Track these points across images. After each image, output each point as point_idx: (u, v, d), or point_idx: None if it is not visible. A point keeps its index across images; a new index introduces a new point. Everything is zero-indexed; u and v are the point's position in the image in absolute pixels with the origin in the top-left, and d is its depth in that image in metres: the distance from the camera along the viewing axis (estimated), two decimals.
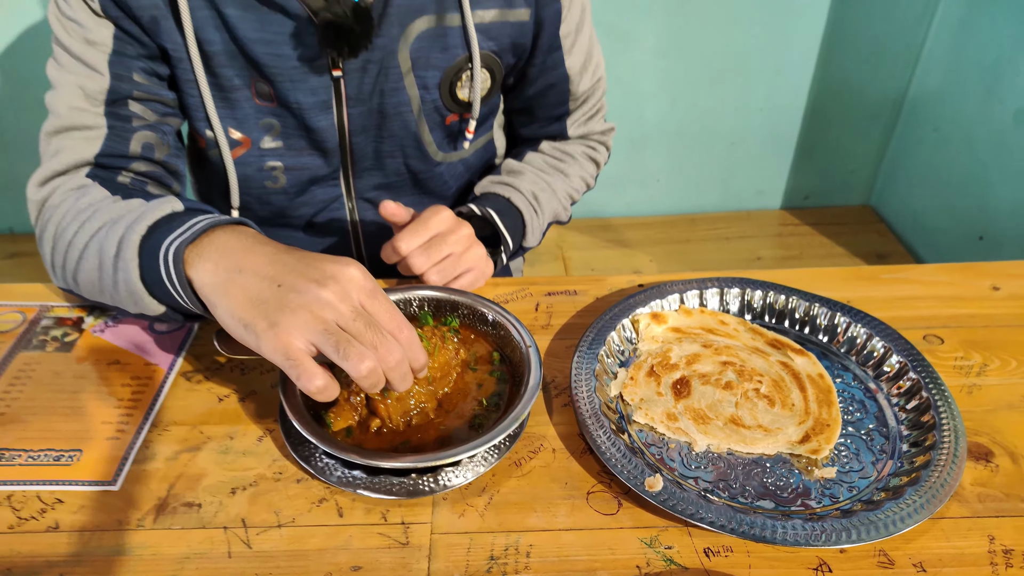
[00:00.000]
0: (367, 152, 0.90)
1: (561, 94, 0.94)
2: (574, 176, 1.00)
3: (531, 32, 0.86)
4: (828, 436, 0.65)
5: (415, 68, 0.84)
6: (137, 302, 0.65)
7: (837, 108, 1.77)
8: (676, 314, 0.79)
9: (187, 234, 0.60)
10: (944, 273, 0.88)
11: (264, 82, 0.81)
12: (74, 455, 0.65)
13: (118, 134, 0.78)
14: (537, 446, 0.66)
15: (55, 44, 0.77)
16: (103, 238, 0.67)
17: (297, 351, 0.54)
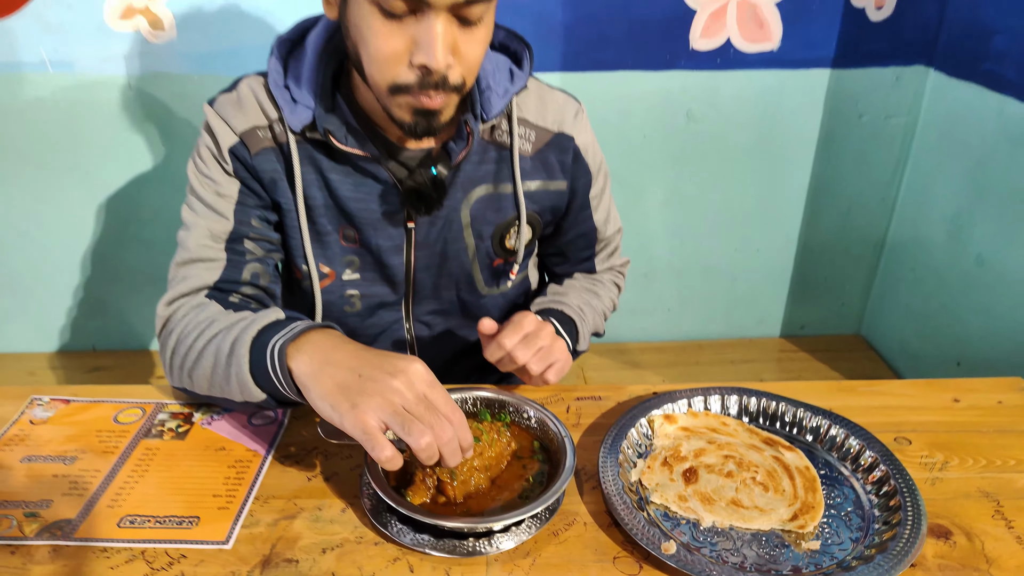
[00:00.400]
0: (427, 285, 1.07)
1: (589, 241, 1.13)
2: (605, 297, 1.16)
3: (567, 198, 1.06)
4: (813, 515, 0.76)
5: (473, 223, 1.02)
6: (244, 390, 0.79)
7: (825, 251, 1.95)
8: (685, 416, 0.92)
9: (288, 334, 0.76)
10: (912, 388, 1.01)
11: (351, 228, 0.99)
12: (193, 520, 0.78)
13: (234, 266, 0.95)
14: (571, 520, 0.78)
15: (190, 192, 0.95)
16: (220, 341, 0.82)
17: (372, 428, 0.68)
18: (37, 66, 1.67)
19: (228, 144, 0.92)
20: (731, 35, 1.69)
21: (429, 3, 0.74)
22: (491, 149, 0.99)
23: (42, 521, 0.77)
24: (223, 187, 0.94)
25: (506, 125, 0.98)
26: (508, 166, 0.99)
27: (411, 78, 0.79)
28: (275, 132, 0.93)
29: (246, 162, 0.93)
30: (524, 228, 1.04)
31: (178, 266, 0.95)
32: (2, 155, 1.76)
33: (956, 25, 1.62)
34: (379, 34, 0.77)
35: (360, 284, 1.03)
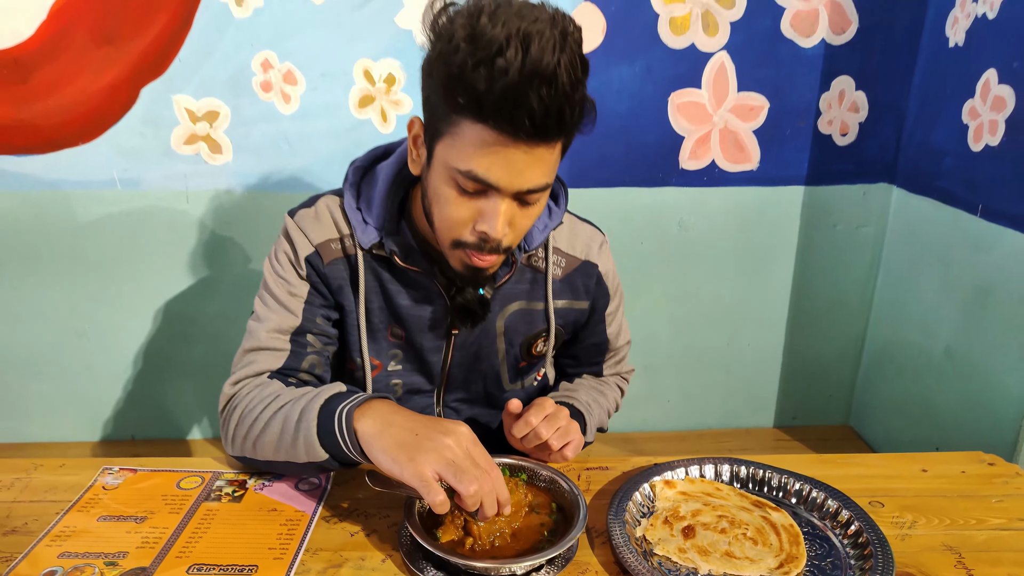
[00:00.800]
0: (459, 379, 1.17)
1: (601, 350, 1.25)
2: (610, 397, 1.27)
3: (587, 315, 1.19)
4: (797, 564, 0.85)
5: (506, 333, 1.14)
6: (309, 451, 0.89)
7: (811, 346, 2.06)
8: (683, 482, 1.02)
9: (354, 401, 0.87)
10: (885, 460, 1.10)
11: (399, 328, 1.11)
12: (252, 568, 0.86)
13: (296, 356, 1.05)
14: (584, 568, 0.86)
15: (264, 288, 1.07)
16: (288, 409, 0.92)
17: (428, 477, 0.78)
18: (108, 184, 1.86)
19: (305, 253, 1.05)
20: (715, 157, 1.89)
21: (497, 188, 0.85)
22: (527, 271, 1.12)
23: (120, 568, 0.86)
24: (295, 288, 1.06)
25: (542, 252, 1.10)
26: (541, 287, 1.13)
27: (471, 239, 0.90)
28: (345, 245, 1.06)
29: (319, 269, 1.06)
30: (552, 339, 1.17)
31: (246, 352, 1.05)
32: (69, 262, 1.93)
33: (911, 149, 1.81)
34: (451, 203, 0.88)
35: (402, 374, 1.14)
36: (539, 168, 0.85)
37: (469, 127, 0.82)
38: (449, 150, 0.86)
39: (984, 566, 0.86)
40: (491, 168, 0.83)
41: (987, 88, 1.48)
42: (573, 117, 0.82)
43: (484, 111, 0.79)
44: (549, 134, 0.82)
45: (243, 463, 1.04)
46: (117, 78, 1.78)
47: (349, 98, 1.81)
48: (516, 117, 0.78)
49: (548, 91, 0.77)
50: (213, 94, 1.79)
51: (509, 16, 0.77)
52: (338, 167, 1.83)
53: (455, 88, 0.80)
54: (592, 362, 1.28)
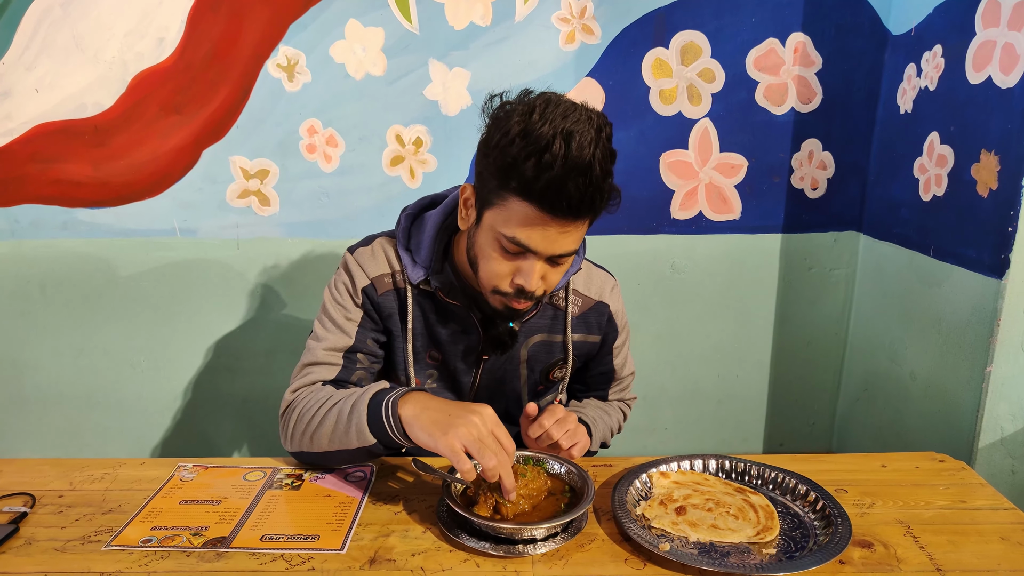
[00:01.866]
0: (485, 398, 1.29)
1: (607, 379, 1.39)
2: (613, 418, 1.40)
3: (598, 347, 1.33)
4: (771, 532, 0.97)
5: (528, 361, 1.27)
6: (360, 436, 1.01)
7: (793, 378, 2.19)
8: (676, 473, 1.14)
9: (398, 393, 1.00)
10: (850, 460, 1.22)
11: (436, 352, 1.25)
12: (314, 537, 0.98)
13: (346, 371, 1.18)
14: (593, 537, 0.98)
15: (323, 312, 1.20)
16: (342, 405, 1.04)
17: (458, 448, 0.91)
18: (168, 232, 2.04)
19: (362, 284, 1.19)
20: (702, 208, 2.06)
21: (535, 252, 0.98)
22: (549, 308, 1.26)
23: (204, 537, 0.98)
24: (351, 313, 1.19)
25: (562, 293, 1.23)
26: (561, 322, 1.26)
27: (509, 289, 1.02)
28: (396, 280, 1.18)
29: (373, 299, 1.20)
30: (569, 367, 1.31)
31: (304, 366, 1.19)
32: (129, 301, 2.08)
33: (874, 200, 1.98)
34: (495, 260, 1.01)
35: (437, 391, 1.27)
36: (571, 238, 1.00)
37: (516, 203, 0.97)
38: (497, 218, 1.00)
39: (929, 535, 0.98)
40: (531, 237, 0.98)
41: (931, 147, 1.66)
42: (602, 202, 0.97)
43: (531, 194, 0.94)
44: (581, 214, 0.97)
45: (298, 458, 1.16)
46: (182, 142, 1.97)
47: (382, 158, 2.00)
48: (557, 202, 0.93)
49: (583, 181, 0.92)
50: (265, 155, 1.98)
51: (555, 116, 0.92)
52: (370, 216, 2.01)
53: (508, 173, 0.95)
54: (599, 388, 1.41)
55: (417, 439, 0.96)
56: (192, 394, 2.17)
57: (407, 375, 1.23)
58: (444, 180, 2.01)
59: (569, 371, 1.31)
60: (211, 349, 2.13)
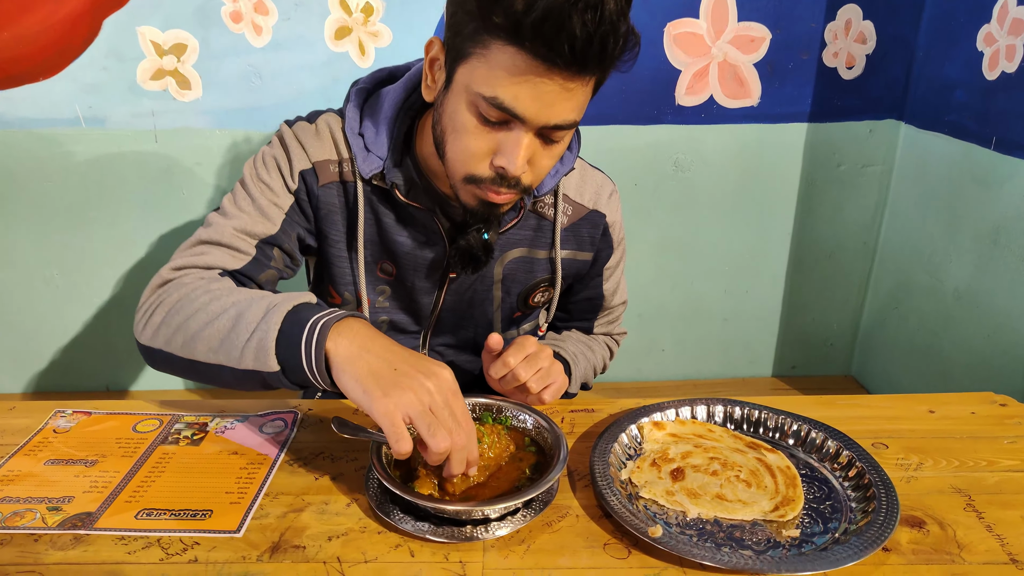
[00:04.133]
0: (448, 323, 1.12)
1: (594, 306, 1.20)
2: (597, 354, 1.22)
3: (588, 267, 1.12)
4: (793, 507, 0.79)
5: (504, 281, 1.08)
6: (258, 356, 0.78)
7: (811, 293, 2.00)
8: (673, 423, 0.95)
9: (332, 317, 0.78)
10: (889, 401, 1.04)
11: (390, 264, 1.04)
12: (207, 513, 0.80)
13: (257, 265, 0.96)
14: (564, 512, 0.80)
15: (241, 187, 0.97)
16: (245, 307, 0.81)
17: (399, 420, 0.71)
18: (72, 122, 1.77)
19: (301, 167, 0.97)
20: (713, 92, 1.79)
21: (523, 120, 0.79)
22: (531, 217, 1.06)
23: (64, 514, 0.80)
24: (279, 197, 0.97)
25: (549, 199, 1.06)
26: (546, 236, 1.07)
27: (487, 174, 0.84)
28: (343, 170, 0.99)
29: (311, 189, 0.98)
30: (557, 294, 1.12)
31: (201, 243, 0.95)
32: (34, 206, 1.84)
33: (921, 82, 1.72)
34: (470, 133, 0.82)
35: (389, 311, 1.09)
36: (570, 103, 0.79)
37: (500, 50, 0.75)
38: (474, 73, 0.78)
39: (995, 509, 0.80)
40: (519, 97, 0.77)
41: (1004, 11, 1.39)
42: (615, 49, 0.76)
43: (521, 33, 0.72)
44: (588, 65, 0.75)
45: (153, 358, 0.91)
46: (78, 8, 1.67)
47: (324, 29, 1.71)
48: (555, 42, 0.72)
49: (593, 16, 0.70)
50: (180, 25, 1.69)
51: None
52: (312, 101, 1.74)
53: (490, 6, 0.73)
54: (583, 318, 1.22)
55: (347, 391, 0.75)
56: (119, 310, 1.96)
57: (355, 290, 1.04)
58: (401, 57, 1.72)
59: (556, 295, 1.11)
60: (134, 260, 1.91)
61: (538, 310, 1.18)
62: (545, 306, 1.18)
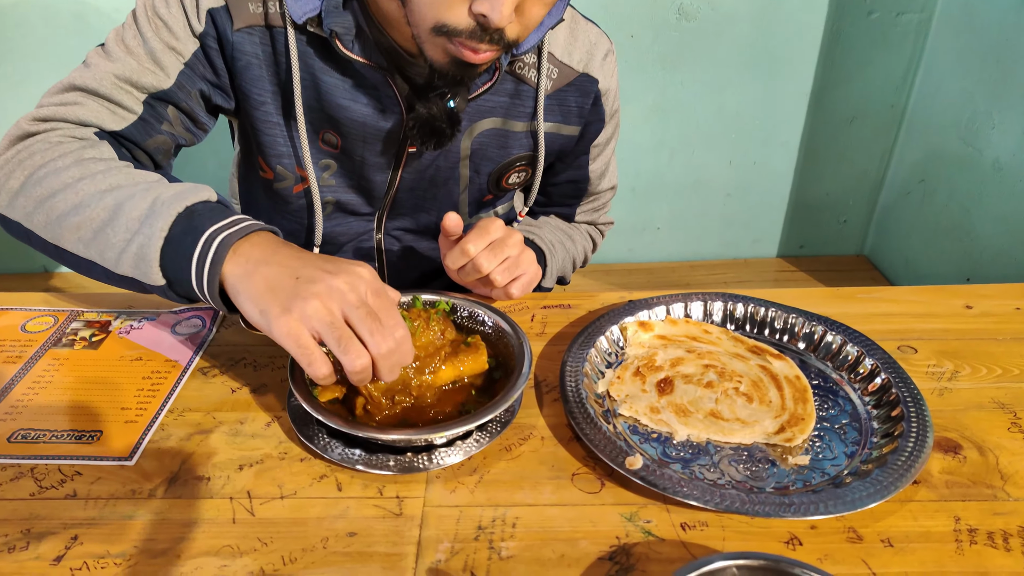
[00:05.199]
0: (407, 205, 0.97)
1: (578, 190, 1.04)
2: (578, 244, 1.07)
3: (573, 143, 0.96)
4: (802, 428, 0.67)
5: (473, 156, 0.92)
6: (138, 265, 0.64)
7: (827, 164, 1.83)
8: (662, 323, 0.82)
9: (236, 229, 0.63)
10: (918, 294, 0.91)
11: (333, 135, 0.87)
12: (95, 435, 0.68)
13: (144, 127, 0.79)
14: (527, 434, 0.68)
15: (132, 22, 0.79)
16: (125, 197, 0.66)
17: (306, 339, 0.57)
18: None
19: (210, 3, 0.79)
20: None
21: None
22: (508, 80, 0.89)
23: None
24: (179, 42, 0.80)
25: (531, 59, 0.89)
26: (525, 103, 0.90)
27: (464, 23, 0.69)
28: (269, 13, 0.81)
29: (223, 33, 0.80)
30: (537, 175, 0.96)
31: (73, 88, 0.77)
32: None
33: None
34: None
35: (335, 190, 0.94)
36: None
37: None
38: None
39: None
40: None
41: None
42: None
43: None
44: None
45: (7, 227, 0.75)
46: None
47: None
48: None
49: None
50: None
51: None
52: None
53: None
54: (564, 203, 1.07)
55: (247, 315, 0.61)
56: None
57: (293, 164, 0.89)
58: None
59: (538, 177, 0.97)
60: None
61: (512, 192, 1.02)
62: (521, 188, 1.02)
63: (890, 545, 0.57)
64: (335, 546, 0.57)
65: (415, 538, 0.58)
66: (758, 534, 0.58)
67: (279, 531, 0.58)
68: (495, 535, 0.58)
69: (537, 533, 0.58)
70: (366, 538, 0.58)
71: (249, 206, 1.06)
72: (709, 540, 0.57)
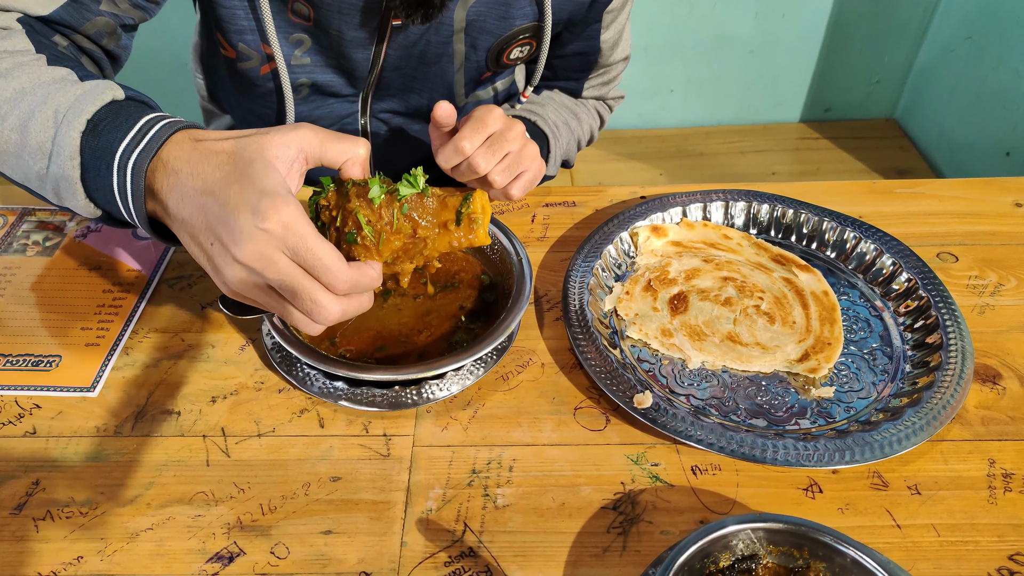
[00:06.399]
0: (394, 85, 0.87)
1: (587, 62, 0.92)
2: (584, 123, 0.97)
3: (584, 9, 0.83)
4: (828, 355, 0.62)
5: (468, 29, 0.81)
6: (68, 201, 0.57)
7: (865, 15, 1.66)
8: (677, 227, 0.76)
9: (145, 145, 0.53)
10: (964, 188, 0.83)
11: (304, 4, 0.76)
12: (53, 360, 0.64)
13: (78, 7, 0.68)
14: (526, 360, 0.64)
15: None
16: (27, 114, 0.57)
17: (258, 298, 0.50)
18: None
19: None
20: None
21: None
22: None
23: None
24: None
25: None
26: None
27: None
28: None
29: None
30: (544, 49, 0.84)
31: None
32: None
33: None
34: None
35: (311, 70, 0.83)
36: None
37: None
38: None
39: None
40: None
41: None
42: None
43: None
44: None
45: None
46: None
47: None
48: None
49: None
50: None
51: None
52: None
53: None
54: (571, 77, 0.95)
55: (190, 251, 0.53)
56: None
57: (257, 41, 0.79)
58: None
59: (545, 51, 0.86)
60: None
61: (513, 68, 0.91)
62: (528, 62, 0.91)
63: (917, 493, 0.53)
64: (317, 492, 0.54)
65: (404, 484, 0.54)
66: (775, 479, 0.54)
67: (257, 475, 0.55)
68: (490, 480, 0.55)
69: (536, 478, 0.55)
70: (351, 483, 0.54)
71: (215, 89, 0.96)
72: (722, 487, 0.54)
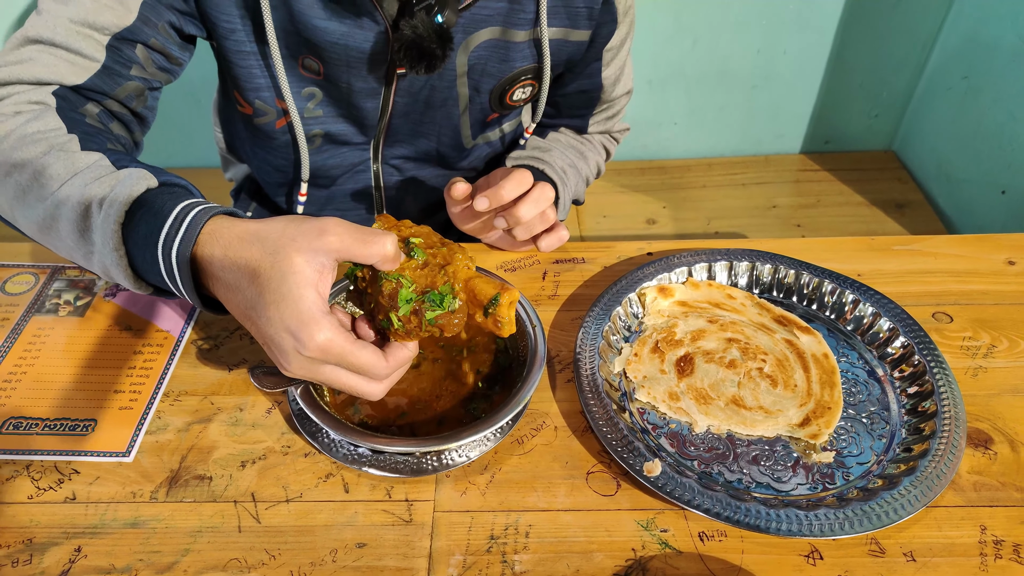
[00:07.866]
0: (403, 131, 0.91)
1: (590, 99, 0.96)
2: (591, 160, 1.01)
3: (583, 50, 0.88)
4: (828, 420, 0.66)
5: (471, 73, 0.85)
6: (113, 278, 0.60)
7: (864, 52, 1.70)
8: (683, 287, 0.79)
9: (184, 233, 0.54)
10: (959, 246, 0.86)
11: (314, 60, 0.80)
12: (89, 425, 0.67)
13: (110, 75, 0.72)
14: (540, 423, 0.67)
15: None
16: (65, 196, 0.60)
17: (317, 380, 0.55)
18: None
19: None
20: None
21: None
22: None
23: None
24: None
25: None
26: (525, 8, 0.81)
27: None
28: None
29: None
30: (544, 88, 0.88)
31: (27, 42, 0.70)
32: None
33: None
34: None
35: (324, 121, 0.88)
36: None
37: None
38: None
39: None
40: None
41: None
42: None
43: None
44: None
45: None
46: None
47: None
48: None
49: None
50: None
51: None
52: None
53: None
54: (575, 114, 0.99)
55: None
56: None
57: (273, 97, 0.83)
58: None
59: (545, 90, 0.90)
60: None
61: (519, 109, 0.95)
62: (529, 103, 0.95)
63: (912, 559, 0.57)
64: (345, 559, 0.57)
65: (426, 549, 0.58)
66: (778, 545, 0.58)
67: (287, 541, 0.58)
68: (508, 546, 0.58)
69: (551, 544, 0.58)
70: (376, 549, 0.58)
71: (233, 141, 1.00)
72: (727, 553, 0.57)
